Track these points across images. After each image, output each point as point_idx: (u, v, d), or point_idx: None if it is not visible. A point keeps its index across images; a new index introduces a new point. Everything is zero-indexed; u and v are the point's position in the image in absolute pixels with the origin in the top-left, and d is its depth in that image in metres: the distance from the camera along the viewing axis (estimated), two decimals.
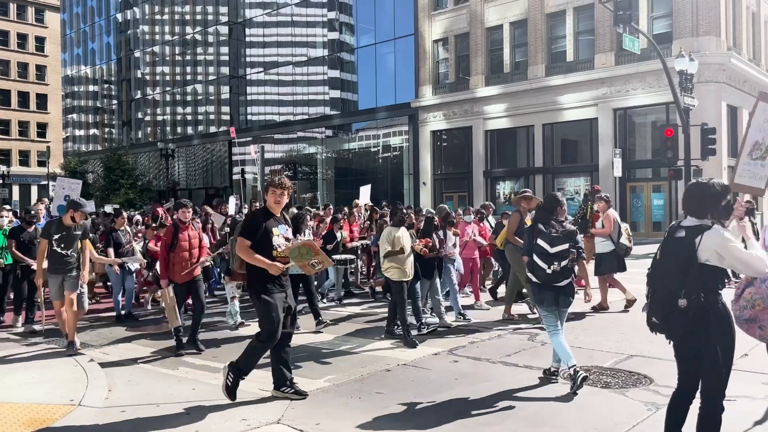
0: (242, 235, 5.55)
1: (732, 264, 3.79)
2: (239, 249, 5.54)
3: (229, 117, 39.27)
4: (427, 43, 28.97)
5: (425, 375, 6.51)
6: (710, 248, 3.75)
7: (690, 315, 3.79)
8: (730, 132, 22.78)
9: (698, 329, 3.81)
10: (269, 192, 5.72)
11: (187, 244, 7.78)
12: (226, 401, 5.67)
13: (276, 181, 5.72)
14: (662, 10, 22.98)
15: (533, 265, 5.88)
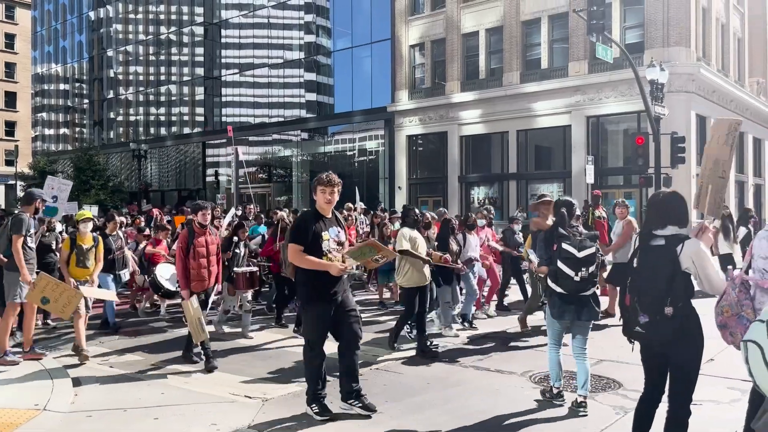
0: (293, 240, 5.15)
1: (697, 274, 3.88)
2: (292, 256, 5.13)
3: (204, 118, 38.88)
4: (404, 47, 29.06)
5: (397, 379, 6.51)
6: (689, 256, 3.83)
7: (677, 323, 3.86)
8: (699, 141, 23.22)
9: (685, 337, 3.88)
10: (318, 191, 5.24)
11: (204, 250, 7.07)
12: (195, 405, 5.59)
13: (324, 178, 5.23)
14: (634, 21, 23.38)
15: (557, 273, 5.23)
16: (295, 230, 5.26)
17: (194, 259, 6.99)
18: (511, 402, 5.67)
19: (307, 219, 5.26)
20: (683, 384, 3.96)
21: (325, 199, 5.22)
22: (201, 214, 7.18)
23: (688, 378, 3.95)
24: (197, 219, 7.18)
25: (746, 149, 27.97)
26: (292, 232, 5.35)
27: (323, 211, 5.29)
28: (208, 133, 38.38)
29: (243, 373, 6.72)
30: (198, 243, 7.05)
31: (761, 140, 30.03)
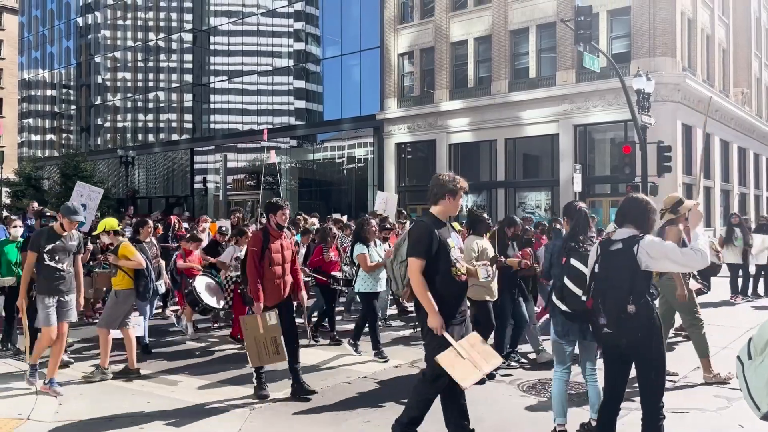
0: (416, 254, 4.35)
1: (665, 265, 4.08)
2: (413, 272, 4.35)
3: (192, 125, 38.75)
4: (393, 56, 29.17)
5: (384, 388, 6.49)
6: (645, 252, 3.98)
7: (643, 320, 3.97)
8: (685, 150, 23.46)
9: (651, 334, 4.00)
10: (454, 197, 4.60)
11: (280, 256, 6.12)
12: (182, 414, 5.55)
13: (460, 183, 4.66)
14: (621, 31, 23.63)
15: (563, 290, 4.77)
16: (417, 240, 4.38)
17: (269, 267, 6.03)
18: (501, 411, 5.67)
19: (430, 226, 4.45)
20: (655, 383, 4.05)
21: (458, 205, 4.66)
22: (280, 213, 6.15)
23: (658, 375, 4.06)
24: (275, 219, 6.18)
25: (731, 159, 28.27)
26: (412, 242, 4.41)
27: (443, 216, 4.63)
28: (196, 139, 38.25)
29: (231, 382, 6.68)
30: (273, 248, 6.08)
31: (746, 149, 30.37)
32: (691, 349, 6.77)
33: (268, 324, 5.78)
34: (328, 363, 7.57)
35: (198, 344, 8.67)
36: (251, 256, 6.03)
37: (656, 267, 4.07)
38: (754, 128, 30.98)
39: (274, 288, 6.04)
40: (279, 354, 5.84)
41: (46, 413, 5.49)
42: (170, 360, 7.72)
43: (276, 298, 6.05)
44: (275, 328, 5.79)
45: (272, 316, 5.84)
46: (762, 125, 32.20)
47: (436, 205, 4.57)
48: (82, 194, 9.63)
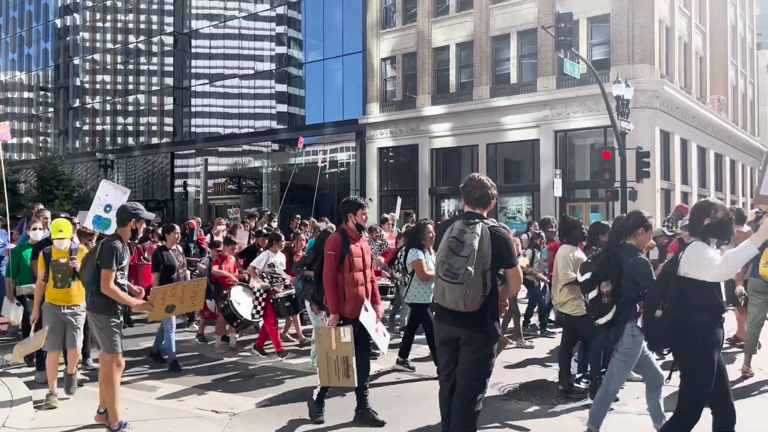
0: (516, 263, 4.18)
1: (699, 273, 4.01)
2: (517, 282, 4.25)
3: (172, 128, 38.43)
4: (375, 60, 29.21)
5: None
6: (686, 259, 4.02)
7: (673, 326, 4.01)
8: (663, 156, 23.78)
9: (681, 342, 4.03)
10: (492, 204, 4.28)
11: (360, 261, 5.51)
12: (160, 420, 5.49)
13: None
14: (601, 38, 23.90)
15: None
16: (512, 247, 4.14)
17: (348, 272, 5.38)
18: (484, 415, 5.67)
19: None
20: (684, 389, 4.12)
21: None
22: (360, 212, 5.50)
23: (688, 382, 4.09)
24: (354, 219, 5.51)
25: (708, 165, 28.71)
26: (510, 250, 4.07)
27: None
28: (177, 143, 37.94)
29: (212, 388, 6.61)
30: (354, 251, 5.42)
31: (722, 156, 30.86)
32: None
33: (341, 340, 5.09)
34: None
35: (231, 359, 8.09)
36: (329, 260, 5.34)
37: (693, 273, 4.00)
38: (731, 135, 31.50)
39: (355, 297, 5.37)
40: (349, 378, 5.13)
41: (21, 420, 5.39)
42: (199, 375, 7.62)
43: (357, 308, 5.33)
44: (347, 347, 5.05)
45: (347, 333, 5.10)
46: (738, 132, 32.76)
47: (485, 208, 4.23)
48: (107, 193, 8.60)
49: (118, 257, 5.10)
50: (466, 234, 3.90)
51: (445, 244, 3.94)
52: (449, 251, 3.89)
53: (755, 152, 37.42)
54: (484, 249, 3.88)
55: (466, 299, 3.85)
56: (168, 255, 7.61)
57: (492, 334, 4.04)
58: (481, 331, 3.99)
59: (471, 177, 4.30)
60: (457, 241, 3.88)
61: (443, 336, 4.14)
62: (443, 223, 4.37)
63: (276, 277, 8.27)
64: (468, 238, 3.88)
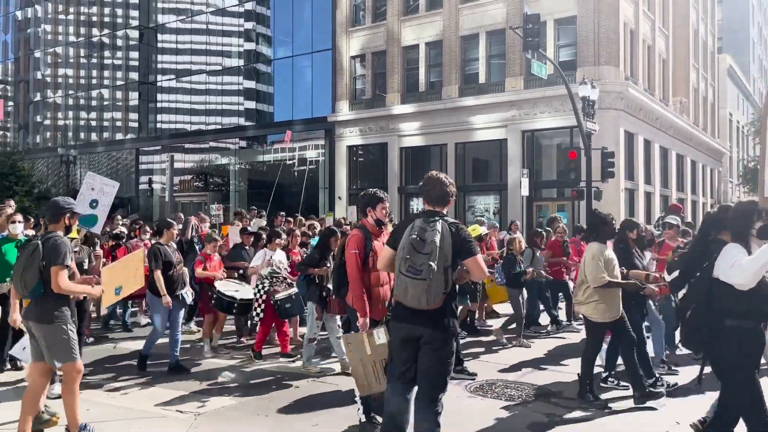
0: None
1: (726, 277, 3.89)
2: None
3: (138, 124, 37.74)
4: (345, 58, 29.13)
5: (333, 391, 6.45)
6: (719, 260, 3.93)
7: (703, 329, 3.96)
8: (627, 156, 24.23)
9: (717, 347, 3.93)
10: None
11: None
12: (122, 421, 5.38)
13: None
14: (567, 39, 24.24)
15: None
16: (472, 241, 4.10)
17: (373, 271, 5.09)
18: (457, 413, 5.70)
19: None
20: (722, 396, 4.09)
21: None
22: (380, 207, 5.19)
23: (724, 391, 4.03)
24: (374, 214, 5.19)
25: (670, 165, 29.36)
26: (470, 244, 4.06)
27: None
28: (142, 139, 37.27)
29: (178, 387, 6.50)
30: (376, 248, 5.09)
31: (684, 156, 31.60)
32: None
33: (376, 343, 4.68)
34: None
35: (227, 362, 7.73)
36: (354, 260, 5.04)
37: (724, 277, 3.88)
38: (692, 136, 32.27)
39: (380, 298, 5.11)
40: (380, 383, 4.67)
41: None
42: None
43: (383, 309, 4.98)
44: (384, 350, 4.59)
45: (381, 334, 4.69)
46: (699, 133, 33.57)
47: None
48: (93, 187, 8.01)
49: (69, 253, 4.76)
50: (427, 232, 3.93)
51: (408, 242, 3.93)
52: (412, 249, 3.90)
53: (715, 153, 38.42)
54: (446, 246, 3.91)
55: (429, 295, 3.84)
56: (165, 250, 7.17)
57: (453, 331, 4.04)
58: (443, 330, 3.99)
59: (430, 176, 4.29)
60: (419, 240, 3.90)
61: (403, 335, 4.08)
62: (403, 221, 4.37)
63: (277, 276, 7.79)
64: (429, 235, 3.92)
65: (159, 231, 7.57)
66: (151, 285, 7.04)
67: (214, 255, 8.59)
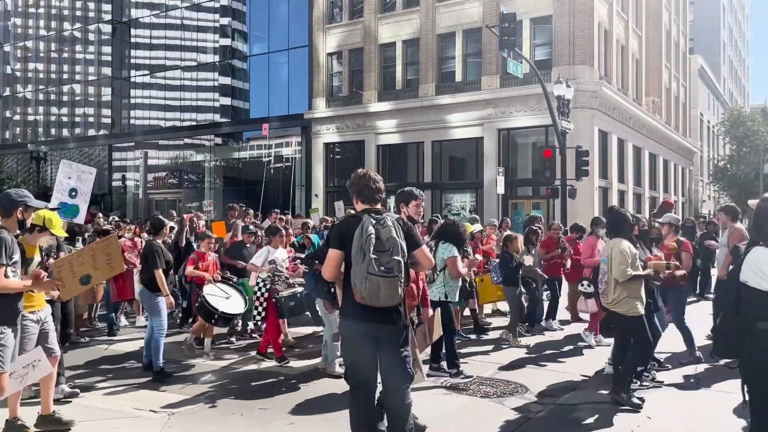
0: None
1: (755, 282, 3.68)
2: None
3: (110, 120, 37.17)
4: (321, 55, 29.02)
5: (311, 389, 6.43)
6: (746, 266, 3.73)
7: (730, 334, 3.84)
8: (601, 155, 24.54)
9: (746, 352, 3.80)
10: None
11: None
12: (93, 422, 5.30)
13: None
14: (543, 39, 24.45)
15: None
16: (417, 232, 4.32)
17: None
18: (436, 407, 5.72)
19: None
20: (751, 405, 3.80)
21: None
22: (413, 204, 5.14)
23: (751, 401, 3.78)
24: (407, 212, 5.13)
25: (642, 164, 29.81)
26: (416, 235, 4.25)
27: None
28: (115, 135, 36.75)
29: (156, 388, 6.41)
30: None
31: (656, 155, 32.10)
32: None
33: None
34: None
35: (218, 363, 7.48)
36: None
37: (754, 282, 3.69)
38: (664, 135, 32.79)
39: (409, 294, 4.89)
40: (417, 374, 4.70)
41: None
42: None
43: (410, 306, 4.95)
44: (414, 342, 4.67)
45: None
46: (671, 133, 34.13)
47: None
48: (70, 176, 7.55)
49: (7, 249, 4.37)
50: (381, 230, 3.95)
51: (367, 242, 3.87)
52: (374, 249, 3.89)
53: (686, 152, 39.10)
54: (400, 240, 3.98)
55: (399, 292, 3.92)
56: (164, 249, 6.86)
57: (407, 324, 4.13)
58: (404, 324, 4.09)
59: (360, 174, 4.28)
60: (377, 239, 3.91)
61: (365, 336, 4.03)
62: (343, 222, 4.35)
63: (278, 274, 7.52)
64: (384, 233, 3.94)
65: (155, 229, 7.16)
66: (148, 284, 6.77)
67: (208, 254, 8.18)
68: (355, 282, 3.89)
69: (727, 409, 5.63)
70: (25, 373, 4.62)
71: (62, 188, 7.46)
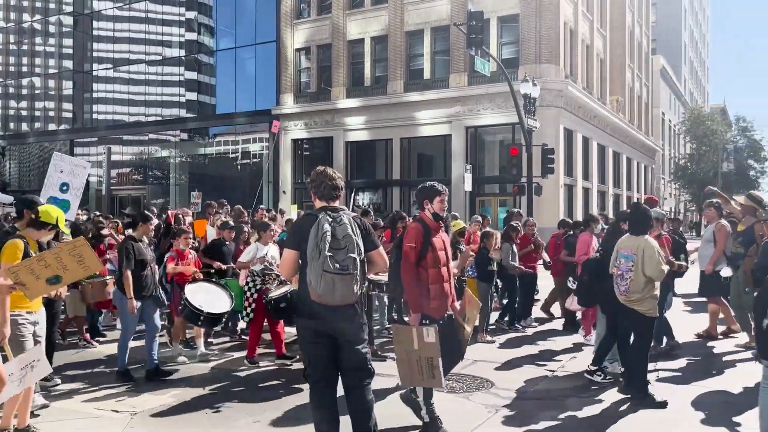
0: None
1: None
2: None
3: (72, 114, 36.29)
4: (289, 51, 28.80)
5: (278, 387, 6.39)
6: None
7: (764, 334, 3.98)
8: (566, 153, 24.91)
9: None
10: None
11: (443, 255, 4.95)
12: (53, 423, 5.18)
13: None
14: (510, 38, 24.69)
15: None
16: (372, 231, 4.38)
17: (432, 267, 4.84)
18: (395, 404, 5.74)
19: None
20: None
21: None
22: (438, 200, 4.93)
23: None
24: (431, 208, 4.95)
25: (606, 162, 30.35)
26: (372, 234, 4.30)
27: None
28: (77, 130, 35.89)
29: (122, 388, 6.28)
30: (436, 243, 4.90)
31: (620, 154, 32.72)
32: None
33: (424, 340, 4.63)
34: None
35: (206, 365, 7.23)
36: (409, 254, 4.78)
37: None
38: (627, 134, 33.44)
39: (442, 294, 4.86)
40: (435, 378, 4.71)
41: None
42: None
43: (443, 307, 4.89)
44: (432, 348, 4.60)
45: (431, 332, 4.62)
46: (634, 132, 34.83)
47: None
48: (62, 170, 7.10)
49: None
50: (337, 228, 3.96)
51: (323, 240, 3.86)
52: (330, 247, 3.88)
53: (649, 151, 39.95)
54: (356, 237, 4.00)
55: (355, 289, 3.92)
56: (139, 247, 6.44)
57: (365, 320, 4.16)
58: (363, 321, 4.11)
59: (319, 172, 4.24)
60: (333, 237, 3.91)
61: (322, 335, 4.01)
62: (300, 221, 4.34)
63: (269, 273, 7.21)
64: (341, 230, 3.96)
65: (134, 224, 6.62)
66: (119, 283, 6.41)
67: (188, 251, 7.67)
68: (311, 280, 3.87)
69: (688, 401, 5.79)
70: (23, 375, 4.37)
71: (52, 182, 7.08)
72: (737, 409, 5.55)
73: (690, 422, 5.33)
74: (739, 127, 41.37)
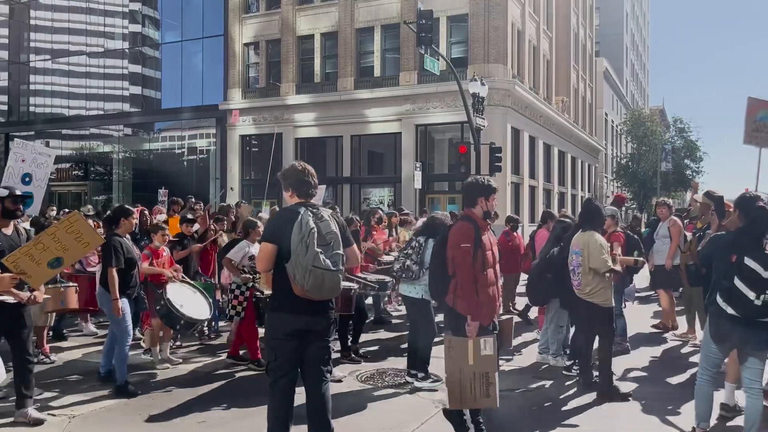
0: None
1: None
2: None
3: (7, 107, 34.79)
4: (237, 45, 28.33)
5: (226, 385, 6.28)
6: None
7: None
8: (513, 151, 25.36)
9: None
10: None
11: (491, 255, 4.54)
12: None
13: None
14: (459, 37, 24.95)
15: (731, 292, 4.24)
16: (347, 228, 4.36)
17: (482, 270, 4.44)
18: (341, 395, 5.71)
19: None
20: None
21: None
22: (492, 198, 4.60)
23: None
24: (485, 205, 4.57)
25: (552, 161, 31.05)
26: (348, 231, 4.26)
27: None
28: (12, 123, 34.44)
29: (67, 392, 6.03)
30: (485, 244, 4.50)
31: (565, 153, 33.52)
32: None
33: (481, 353, 4.20)
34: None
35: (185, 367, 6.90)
36: (466, 256, 4.37)
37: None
38: (572, 134, 34.30)
39: (490, 299, 4.46)
40: (489, 397, 4.27)
41: None
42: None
43: (492, 312, 4.50)
44: (489, 362, 4.18)
45: (488, 344, 4.22)
46: (578, 131, 35.74)
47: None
48: (24, 158, 6.30)
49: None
50: (321, 224, 3.93)
51: (308, 236, 3.81)
52: (318, 242, 3.85)
53: (592, 150, 41.08)
54: (338, 233, 4.00)
55: (340, 285, 3.99)
56: (126, 244, 5.95)
57: (336, 318, 4.20)
58: (333, 316, 4.14)
59: (299, 169, 4.15)
60: (319, 233, 3.89)
61: (296, 330, 3.98)
62: (279, 215, 4.26)
63: (259, 271, 6.71)
64: (324, 226, 3.93)
65: (115, 220, 6.12)
66: (104, 282, 5.83)
67: (163, 249, 7.15)
68: (295, 275, 3.80)
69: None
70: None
71: (13, 173, 6.38)
72: (676, 398, 5.76)
73: (630, 411, 5.50)
74: (677, 128, 42.91)
